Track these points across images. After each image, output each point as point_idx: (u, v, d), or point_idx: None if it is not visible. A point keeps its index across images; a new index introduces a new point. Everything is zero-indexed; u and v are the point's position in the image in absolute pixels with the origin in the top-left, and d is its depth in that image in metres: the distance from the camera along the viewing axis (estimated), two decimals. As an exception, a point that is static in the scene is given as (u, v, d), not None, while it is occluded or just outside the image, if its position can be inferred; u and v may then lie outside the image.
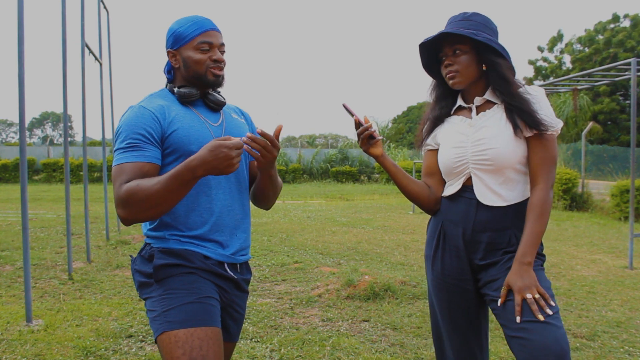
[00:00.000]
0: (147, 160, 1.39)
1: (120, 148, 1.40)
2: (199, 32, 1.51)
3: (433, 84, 1.78)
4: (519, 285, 1.45)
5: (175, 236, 1.47)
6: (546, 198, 1.53)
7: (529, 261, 1.48)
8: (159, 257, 1.45)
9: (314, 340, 3.12)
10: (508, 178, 1.58)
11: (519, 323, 1.41)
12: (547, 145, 1.54)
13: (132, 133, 1.40)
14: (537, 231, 1.50)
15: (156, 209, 1.32)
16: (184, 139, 1.46)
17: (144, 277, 1.47)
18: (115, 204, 1.35)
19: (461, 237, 1.64)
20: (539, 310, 1.40)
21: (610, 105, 25.95)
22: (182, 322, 1.37)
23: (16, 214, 9.19)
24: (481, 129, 1.61)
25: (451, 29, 1.57)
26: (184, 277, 1.44)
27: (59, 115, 68.56)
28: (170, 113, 1.47)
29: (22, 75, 3.43)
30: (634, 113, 5.39)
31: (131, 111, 1.45)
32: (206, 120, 1.54)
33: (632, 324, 3.51)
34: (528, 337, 1.39)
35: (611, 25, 27.41)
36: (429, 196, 1.75)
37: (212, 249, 1.50)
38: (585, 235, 7.45)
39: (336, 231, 7.73)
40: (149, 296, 1.45)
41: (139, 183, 1.32)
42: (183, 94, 1.52)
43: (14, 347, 2.97)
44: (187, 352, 1.33)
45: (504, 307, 1.49)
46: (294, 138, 60.05)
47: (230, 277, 1.54)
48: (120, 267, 5.11)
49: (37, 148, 23.74)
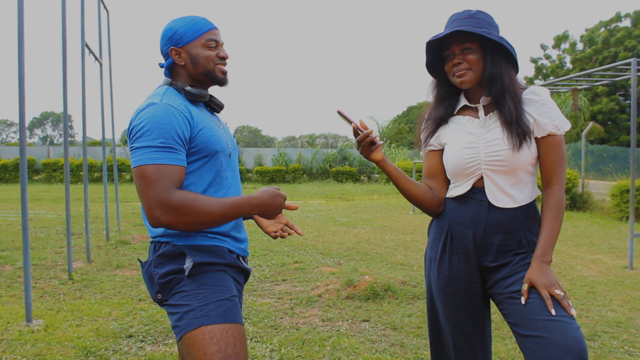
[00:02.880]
0: (183, 165, 1.38)
1: (153, 147, 1.34)
2: (205, 30, 1.53)
3: (434, 83, 1.75)
4: (543, 281, 1.44)
5: (202, 232, 1.48)
6: (561, 198, 1.55)
7: (548, 260, 1.49)
8: (193, 254, 1.44)
9: (314, 340, 3.12)
10: (520, 179, 1.58)
11: (536, 322, 1.40)
12: (559, 146, 1.55)
13: (166, 132, 1.36)
14: (555, 230, 1.52)
15: (201, 225, 1.37)
16: (210, 139, 1.46)
17: (170, 275, 1.44)
18: (159, 204, 1.30)
19: (471, 240, 1.61)
20: (569, 307, 1.40)
21: (609, 106, 25.97)
22: (219, 316, 1.37)
23: (16, 214, 9.19)
24: (493, 129, 1.59)
25: (463, 27, 1.54)
26: (216, 274, 1.45)
27: (59, 115, 68.54)
28: (193, 112, 1.47)
29: (22, 75, 3.43)
30: (634, 113, 5.39)
31: (157, 108, 1.39)
32: (215, 122, 1.57)
33: (632, 324, 3.51)
34: (547, 335, 1.36)
35: (613, 24, 27.41)
36: (432, 198, 1.71)
37: (232, 243, 1.54)
38: (585, 235, 7.45)
39: (336, 231, 7.72)
40: (179, 291, 1.42)
41: (197, 197, 1.34)
42: (197, 94, 1.51)
43: (14, 347, 2.97)
44: (222, 348, 1.34)
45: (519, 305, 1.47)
46: (294, 138, 59.98)
47: (245, 269, 1.59)
48: (120, 267, 5.11)
49: (37, 148, 23.75)
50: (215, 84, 1.57)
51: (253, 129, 72.33)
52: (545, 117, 1.54)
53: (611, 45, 26.22)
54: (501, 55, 1.57)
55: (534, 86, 1.62)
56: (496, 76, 1.56)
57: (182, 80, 1.55)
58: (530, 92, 1.59)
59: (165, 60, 1.56)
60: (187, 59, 1.52)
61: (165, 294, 1.45)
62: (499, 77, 1.56)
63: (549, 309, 1.40)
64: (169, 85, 1.54)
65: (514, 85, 1.58)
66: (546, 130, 1.54)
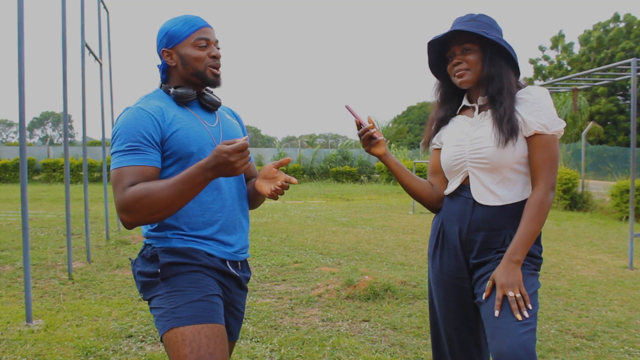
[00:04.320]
0: (149, 164, 1.38)
1: (120, 151, 1.37)
2: (195, 29, 1.50)
3: (437, 84, 1.78)
4: (502, 281, 1.45)
5: (178, 235, 1.47)
6: (544, 199, 1.51)
7: (517, 259, 1.48)
8: (163, 256, 1.44)
9: (314, 340, 3.12)
10: (505, 177, 1.58)
11: (492, 325, 1.42)
12: (548, 145, 1.53)
13: (132, 135, 1.37)
14: (530, 230, 1.49)
15: (163, 213, 1.33)
16: (184, 141, 1.44)
17: (147, 277, 1.46)
18: (119, 208, 1.33)
19: (457, 236, 1.65)
20: (517, 310, 1.40)
21: (607, 106, 25.98)
22: (190, 318, 1.36)
23: (16, 214, 9.19)
24: (480, 127, 1.61)
25: (462, 27, 1.58)
26: (190, 275, 1.44)
27: (59, 115, 68.53)
28: (168, 114, 1.45)
29: (22, 75, 3.43)
30: (634, 113, 5.39)
31: (129, 113, 1.41)
32: (203, 122, 1.53)
33: (632, 324, 3.51)
34: (490, 341, 1.42)
35: (611, 24, 27.42)
36: (432, 194, 1.76)
37: (215, 247, 1.50)
38: (585, 235, 7.45)
39: (336, 231, 7.72)
40: (155, 294, 1.44)
41: (146, 187, 1.31)
42: (180, 94, 1.49)
43: (14, 347, 2.97)
44: (194, 350, 1.33)
45: (485, 304, 1.50)
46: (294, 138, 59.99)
47: (232, 275, 1.55)
48: (120, 267, 5.11)
49: (37, 148, 23.71)
50: (207, 85, 1.55)
51: (253, 129, 72.36)
52: (533, 116, 1.53)
53: (606, 46, 26.22)
54: (501, 57, 1.59)
55: (530, 86, 1.63)
56: (494, 75, 1.58)
57: (175, 81, 1.54)
58: (524, 91, 1.60)
59: (160, 61, 1.56)
60: (177, 60, 1.51)
61: (146, 295, 1.48)
62: (497, 76, 1.58)
63: (495, 309, 1.43)
64: (160, 87, 1.55)
65: (511, 85, 1.59)
66: (531, 129, 1.53)
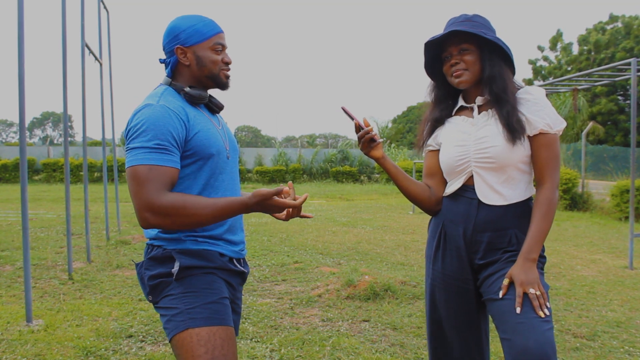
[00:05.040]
0: (175, 166, 1.38)
1: (147, 147, 1.34)
2: (214, 33, 1.51)
3: (432, 85, 1.78)
4: (522, 279, 1.45)
5: (192, 237, 1.47)
6: (552, 197, 1.54)
7: (534, 258, 1.49)
8: (180, 258, 1.44)
9: (314, 340, 3.12)
10: (510, 177, 1.58)
11: (514, 321, 1.40)
12: (551, 144, 1.55)
13: (162, 134, 1.35)
14: (543, 229, 1.52)
15: (193, 225, 1.36)
16: (205, 142, 1.45)
17: (158, 278, 1.45)
18: (147, 207, 1.30)
19: (462, 237, 1.64)
20: (539, 307, 1.40)
21: (607, 107, 25.97)
22: (205, 319, 1.37)
23: (16, 214, 9.19)
24: (483, 127, 1.61)
25: (460, 28, 1.57)
26: (204, 277, 1.45)
27: (59, 115, 68.53)
28: (190, 115, 1.44)
29: (22, 75, 3.43)
30: (634, 113, 5.40)
31: (154, 109, 1.38)
32: (214, 123, 1.55)
33: (632, 324, 3.51)
34: (513, 337, 1.38)
35: (610, 25, 27.42)
36: (430, 197, 1.75)
37: (224, 246, 1.52)
38: (585, 235, 7.45)
39: (336, 231, 7.73)
40: (167, 294, 1.43)
41: (186, 200, 1.33)
42: (196, 95, 1.49)
43: (14, 347, 2.97)
44: (209, 350, 1.34)
45: (501, 301, 1.48)
46: (294, 138, 59.98)
47: (239, 271, 1.58)
48: (121, 267, 5.11)
49: (37, 148, 23.72)
50: (217, 88, 1.57)
51: (253, 129, 72.36)
52: (537, 115, 1.55)
53: (604, 46, 26.20)
54: (499, 56, 1.59)
55: (529, 86, 1.64)
56: (496, 75, 1.58)
57: (184, 80, 1.53)
58: (524, 91, 1.61)
59: (168, 57, 1.53)
60: (192, 60, 1.50)
61: (156, 296, 1.46)
62: (499, 76, 1.58)
63: (516, 307, 1.41)
64: (168, 85, 1.52)
65: (512, 84, 1.60)
66: (537, 128, 1.54)
